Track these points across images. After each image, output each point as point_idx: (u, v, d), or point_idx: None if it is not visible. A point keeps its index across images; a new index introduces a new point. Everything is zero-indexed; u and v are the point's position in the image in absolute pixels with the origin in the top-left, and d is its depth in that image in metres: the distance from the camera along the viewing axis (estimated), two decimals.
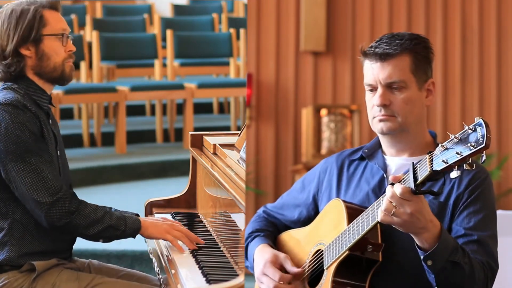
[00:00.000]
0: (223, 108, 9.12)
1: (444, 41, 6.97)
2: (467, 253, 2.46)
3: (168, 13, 10.22)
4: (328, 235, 2.64)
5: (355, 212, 2.57)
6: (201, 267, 2.82)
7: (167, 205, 3.61)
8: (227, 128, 8.15)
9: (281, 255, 2.73)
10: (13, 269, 2.89)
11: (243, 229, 2.86)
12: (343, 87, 6.95)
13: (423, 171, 2.30)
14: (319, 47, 6.92)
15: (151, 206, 3.60)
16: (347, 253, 2.51)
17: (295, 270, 2.68)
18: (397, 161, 2.67)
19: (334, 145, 6.59)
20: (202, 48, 8.47)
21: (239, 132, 3.38)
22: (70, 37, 2.98)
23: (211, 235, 3.22)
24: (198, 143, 3.63)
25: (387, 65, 2.59)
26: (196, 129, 7.39)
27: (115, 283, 3.00)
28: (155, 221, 3.02)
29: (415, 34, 2.67)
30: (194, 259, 2.93)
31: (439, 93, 6.92)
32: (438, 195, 2.39)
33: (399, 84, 2.59)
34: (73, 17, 8.87)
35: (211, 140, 3.46)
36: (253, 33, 6.93)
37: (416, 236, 2.41)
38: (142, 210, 3.58)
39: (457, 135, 2.24)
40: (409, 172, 2.34)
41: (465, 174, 2.42)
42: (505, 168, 6.84)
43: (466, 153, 2.19)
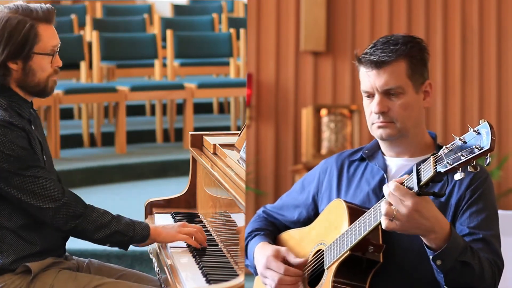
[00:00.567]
0: (223, 108, 9.12)
1: (444, 41, 6.97)
2: (477, 252, 2.46)
3: (168, 13, 10.21)
4: (329, 235, 2.64)
5: (356, 212, 2.57)
6: (201, 267, 2.82)
7: (167, 205, 3.60)
8: (227, 128, 8.15)
9: (282, 249, 2.73)
10: (7, 272, 2.87)
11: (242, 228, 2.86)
12: (343, 87, 6.95)
13: (427, 173, 2.30)
14: (319, 47, 6.92)
15: (151, 206, 3.59)
16: (348, 253, 2.51)
17: (298, 260, 2.67)
18: (397, 161, 2.67)
19: (334, 145, 6.59)
20: (202, 48, 8.47)
21: (239, 132, 3.37)
22: (57, 51, 2.91)
23: (211, 235, 3.22)
24: (198, 143, 3.63)
25: (383, 73, 2.58)
26: (196, 129, 7.39)
27: (114, 283, 2.98)
28: (165, 226, 3.03)
29: (409, 36, 2.64)
30: (194, 259, 2.93)
31: (439, 93, 6.92)
32: (441, 197, 2.39)
33: (396, 90, 2.58)
34: (73, 17, 8.87)
35: (211, 140, 3.46)
36: (253, 33, 6.93)
37: (423, 237, 2.40)
38: (142, 210, 3.58)
39: (461, 137, 2.23)
40: (412, 173, 2.34)
41: (465, 174, 2.41)
42: (505, 168, 6.84)
43: (470, 155, 2.19)
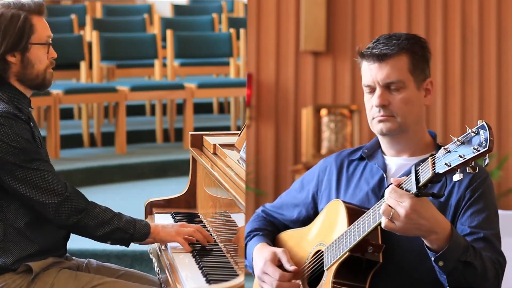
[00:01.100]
0: (223, 108, 9.12)
1: (444, 41, 6.97)
2: (479, 251, 2.45)
3: (168, 13, 10.22)
4: (328, 236, 2.64)
5: (355, 213, 2.57)
6: (201, 267, 2.82)
7: (167, 205, 3.60)
8: (227, 128, 8.15)
9: (279, 251, 2.72)
10: (9, 271, 2.88)
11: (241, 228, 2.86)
12: (343, 87, 6.95)
13: (426, 174, 2.30)
14: (319, 47, 6.92)
15: (151, 206, 3.59)
16: (347, 254, 2.51)
17: (291, 268, 2.67)
18: (396, 161, 2.67)
19: (334, 145, 6.59)
20: (202, 48, 8.47)
21: (239, 132, 3.37)
22: (51, 44, 2.96)
23: (211, 235, 3.22)
24: (198, 143, 3.63)
25: (385, 66, 2.59)
26: (196, 129, 7.39)
27: (114, 283, 2.99)
28: (164, 225, 3.04)
29: (412, 34, 2.67)
30: (194, 259, 2.93)
31: (439, 93, 6.92)
32: (439, 197, 2.39)
33: (397, 84, 2.59)
34: (73, 17, 8.87)
35: (211, 140, 3.46)
36: (253, 33, 6.93)
37: (424, 238, 2.40)
38: (142, 210, 3.58)
39: (460, 138, 2.23)
40: (411, 174, 2.34)
41: (465, 174, 2.42)
42: (505, 168, 6.84)
43: (469, 156, 2.19)
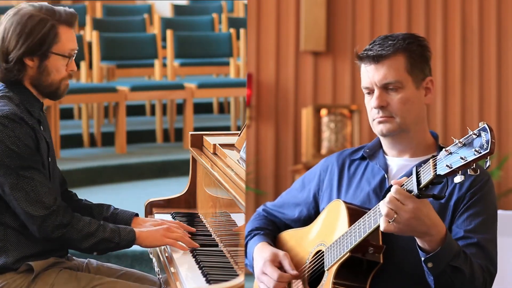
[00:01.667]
0: (223, 108, 9.11)
1: (444, 41, 6.97)
2: (469, 257, 2.45)
3: (168, 13, 10.21)
4: (329, 236, 2.64)
5: (356, 213, 2.57)
6: (201, 267, 2.82)
7: (167, 205, 3.60)
8: (227, 128, 8.14)
9: (280, 253, 2.72)
10: (10, 271, 2.87)
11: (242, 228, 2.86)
12: (343, 87, 6.95)
13: (427, 175, 2.30)
14: (319, 47, 6.92)
15: (151, 206, 3.59)
16: (348, 254, 2.51)
17: (293, 272, 2.67)
18: (398, 161, 2.67)
19: (334, 145, 6.59)
20: (202, 48, 8.47)
21: (239, 132, 3.37)
22: (73, 57, 2.94)
23: (211, 235, 3.22)
24: (198, 143, 3.63)
25: (381, 67, 2.59)
26: (196, 129, 7.39)
27: (114, 283, 2.98)
28: (150, 230, 2.99)
29: (409, 33, 2.65)
30: (194, 259, 2.93)
31: (439, 93, 6.92)
32: (440, 199, 2.38)
33: (395, 84, 2.59)
34: None
35: (211, 140, 3.45)
36: (253, 33, 6.93)
37: (417, 238, 2.40)
38: (142, 210, 3.58)
39: (461, 140, 2.23)
40: (412, 175, 2.34)
41: (466, 176, 2.42)
42: (505, 168, 6.84)
43: (470, 158, 2.19)
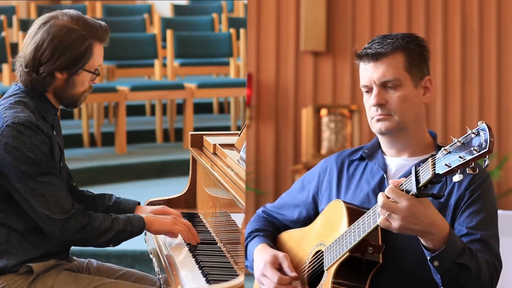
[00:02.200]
0: (223, 108, 9.11)
1: (444, 41, 6.97)
2: (475, 254, 2.45)
3: (168, 13, 10.21)
4: (328, 236, 2.64)
5: (356, 213, 2.57)
6: (201, 267, 2.82)
7: (167, 205, 3.59)
8: (227, 128, 8.14)
9: (280, 255, 2.72)
10: (10, 272, 2.88)
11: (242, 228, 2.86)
12: (343, 87, 6.95)
13: (426, 174, 2.30)
14: (319, 47, 6.92)
15: (151, 206, 3.59)
16: (347, 254, 2.51)
17: (291, 274, 2.67)
18: (397, 161, 2.67)
19: (334, 145, 6.59)
20: (202, 48, 8.47)
21: (239, 132, 3.37)
22: (98, 71, 2.96)
23: (211, 235, 3.22)
24: (198, 143, 3.63)
25: (380, 65, 2.59)
26: (196, 129, 7.39)
27: (114, 284, 2.99)
28: (158, 216, 3.04)
29: (408, 33, 2.67)
30: (194, 259, 2.93)
31: (439, 93, 6.92)
32: (439, 198, 2.39)
33: (394, 82, 2.59)
34: None
35: (211, 140, 3.46)
36: (253, 33, 6.93)
37: (420, 238, 2.41)
38: None
39: (460, 139, 2.23)
40: (411, 175, 2.34)
41: (465, 174, 2.42)
42: (505, 168, 6.84)
43: (469, 157, 2.19)
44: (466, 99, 6.97)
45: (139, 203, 3.15)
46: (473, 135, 2.20)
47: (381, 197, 2.35)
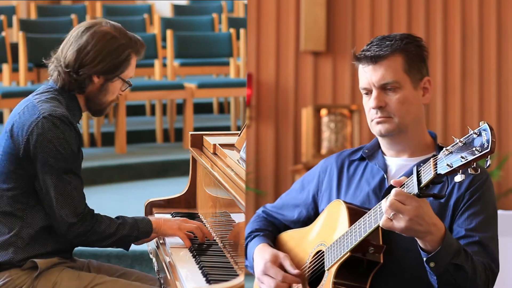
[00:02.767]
0: (223, 108, 9.11)
1: (444, 41, 6.97)
2: (470, 255, 2.46)
3: (168, 13, 10.21)
4: (329, 236, 2.64)
5: (356, 213, 2.57)
6: (201, 267, 2.82)
7: (167, 205, 3.60)
8: (227, 128, 8.14)
9: (281, 255, 2.72)
10: (14, 267, 2.91)
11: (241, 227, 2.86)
12: (343, 87, 6.95)
13: (427, 175, 2.30)
14: (319, 47, 6.93)
15: (151, 206, 3.59)
16: (348, 254, 2.51)
17: (295, 271, 2.67)
18: (397, 161, 2.67)
19: (334, 145, 6.59)
20: (202, 48, 8.46)
21: (239, 132, 3.37)
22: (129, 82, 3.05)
23: (211, 235, 3.22)
24: (198, 143, 3.63)
25: (379, 67, 2.59)
26: (196, 129, 7.39)
27: (116, 282, 3.01)
28: (167, 219, 3.10)
29: (406, 34, 2.66)
30: (194, 259, 2.93)
31: (439, 93, 6.92)
32: (441, 198, 2.39)
33: (393, 84, 2.59)
34: (73, 17, 8.87)
35: (211, 140, 3.46)
36: (253, 33, 6.93)
37: (418, 239, 2.40)
38: (142, 210, 3.58)
39: (462, 139, 2.23)
40: (412, 175, 2.34)
41: (466, 174, 2.42)
42: (505, 168, 6.84)
43: (471, 157, 2.19)
44: (466, 99, 6.97)
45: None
46: (475, 136, 2.20)
47: (388, 198, 2.34)
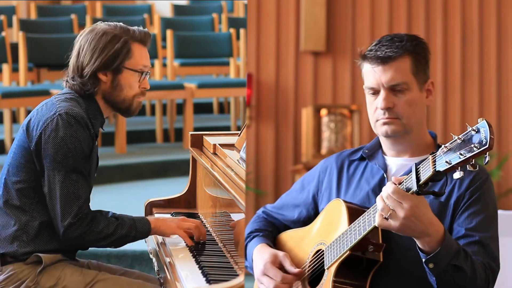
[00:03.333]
0: (223, 108, 9.11)
1: (444, 41, 6.97)
2: (470, 256, 2.46)
3: (168, 13, 10.21)
4: (328, 235, 2.64)
5: (356, 212, 2.57)
6: (201, 267, 2.82)
7: (167, 205, 3.61)
8: (227, 128, 8.14)
9: (280, 254, 2.72)
10: (18, 261, 2.94)
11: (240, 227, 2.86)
12: (343, 87, 6.95)
13: (426, 172, 2.30)
14: (319, 47, 6.92)
15: (151, 206, 3.60)
16: (348, 253, 2.51)
17: (295, 270, 2.67)
18: (397, 161, 2.67)
19: (334, 145, 6.59)
20: (202, 48, 8.46)
21: (239, 132, 3.37)
22: (148, 74, 3.03)
23: (211, 235, 3.22)
24: (198, 143, 3.63)
25: (389, 68, 2.59)
26: (196, 129, 7.39)
27: (118, 279, 3.03)
28: (165, 218, 3.11)
29: (413, 35, 2.66)
30: (194, 259, 2.93)
31: (439, 93, 6.92)
32: (440, 196, 2.39)
33: (402, 86, 2.59)
34: (73, 17, 8.87)
35: (211, 140, 3.46)
36: (253, 33, 6.93)
37: (417, 239, 2.41)
38: (142, 210, 3.58)
39: (460, 136, 2.23)
40: (411, 172, 2.34)
41: (466, 174, 2.42)
42: (505, 168, 6.84)
43: (469, 154, 2.19)
44: (466, 99, 6.97)
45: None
46: (473, 132, 2.20)
47: (384, 195, 2.34)
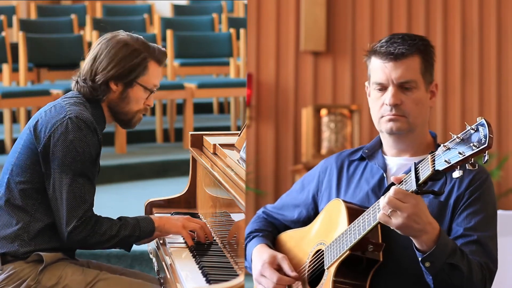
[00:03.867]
0: (223, 108, 9.11)
1: (444, 41, 6.97)
2: (466, 255, 2.46)
3: (168, 13, 10.21)
4: (328, 235, 2.64)
5: (355, 212, 2.57)
6: (201, 267, 2.82)
7: (167, 205, 3.61)
8: (227, 128, 8.14)
9: (279, 256, 2.72)
10: (19, 259, 2.95)
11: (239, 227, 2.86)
12: (343, 87, 6.95)
13: (425, 171, 2.30)
14: (319, 47, 6.93)
15: (151, 206, 3.60)
16: (348, 253, 2.51)
17: (292, 273, 2.67)
18: (397, 161, 2.67)
19: (334, 145, 6.59)
20: (202, 48, 8.47)
21: (239, 132, 3.37)
22: (154, 92, 3.07)
23: (211, 235, 3.22)
24: (198, 143, 3.63)
25: (400, 65, 2.59)
26: (196, 129, 7.38)
27: (119, 279, 3.04)
28: (170, 217, 3.13)
29: (423, 36, 2.69)
30: (194, 259, 2.93)
31: (439, 93, 6.92)
32: (440, 195, 2.39)
33: (411, 84, 2.60)
34: (73, 17, 8.87)
35: (211, 140, 3.46)
36: (253, 33, 6.93)
37: (414, 238, 2.41)
38: (142, 210, 3.58)
39: (459, 135, 2.24)
40: (411, 172, 2.34)
41: (465, 174, 2.42)
42: (505, 168, 6.84)
43: (468, 153, 2.20)
44: (466, 99, 6.97)
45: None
46: (472, 131, 2.21)
47: (387, 194, 2.35)
